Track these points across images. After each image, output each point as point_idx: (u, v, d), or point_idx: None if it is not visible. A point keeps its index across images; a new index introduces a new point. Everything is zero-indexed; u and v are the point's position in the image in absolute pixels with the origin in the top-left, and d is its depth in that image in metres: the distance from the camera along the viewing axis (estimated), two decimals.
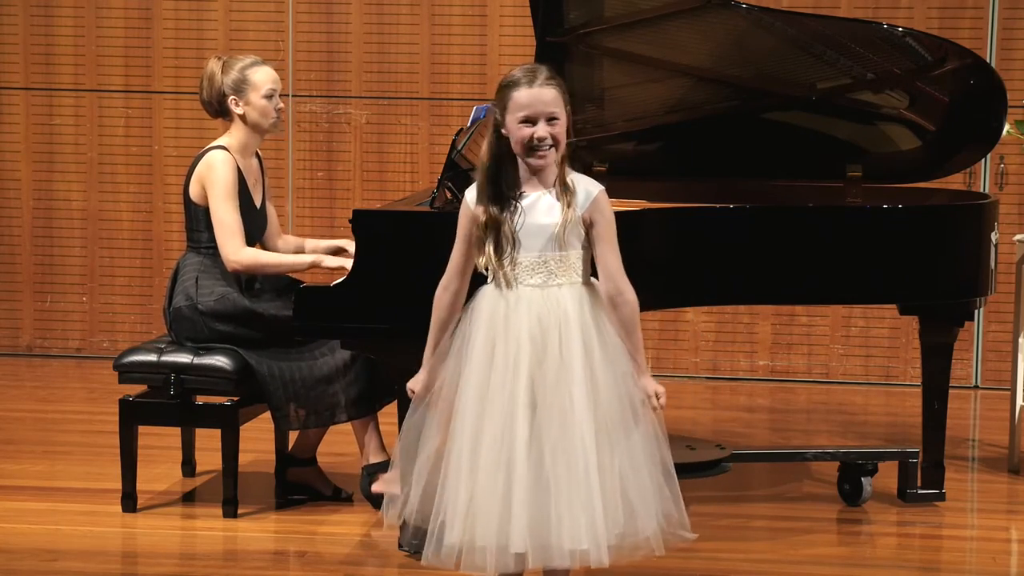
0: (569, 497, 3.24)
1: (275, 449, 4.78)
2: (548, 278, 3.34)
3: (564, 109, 3.35)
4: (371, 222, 4.11)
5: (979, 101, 4.86)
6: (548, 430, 3.27)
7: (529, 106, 3.32)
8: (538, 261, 3.34)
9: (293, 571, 4.10)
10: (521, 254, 3.34)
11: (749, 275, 4.46)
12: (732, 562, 4.17)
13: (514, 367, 3.29)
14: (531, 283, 3.34)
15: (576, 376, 3.28)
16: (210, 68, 4.62)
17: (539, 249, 3.34)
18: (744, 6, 4.80)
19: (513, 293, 3.34)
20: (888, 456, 4.81)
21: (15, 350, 7.08)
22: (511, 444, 3.26)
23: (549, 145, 3.33)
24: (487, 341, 3.32)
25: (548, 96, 3.33)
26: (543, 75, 3.35)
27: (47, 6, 6.92)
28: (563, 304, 3.33)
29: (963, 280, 4.63)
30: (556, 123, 3.33)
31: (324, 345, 4.55)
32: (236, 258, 4.52)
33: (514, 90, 3.34)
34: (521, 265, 3.34)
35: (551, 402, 3.27)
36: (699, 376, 6.85)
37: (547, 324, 3.31)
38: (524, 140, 3.33)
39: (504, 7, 6.75)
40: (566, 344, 3.30)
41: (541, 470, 3.26)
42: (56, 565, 4.07)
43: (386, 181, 6.86)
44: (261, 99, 4.60)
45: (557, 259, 3.34)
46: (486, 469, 3.26)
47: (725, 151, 5.11)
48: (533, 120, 3.32)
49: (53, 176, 7.00)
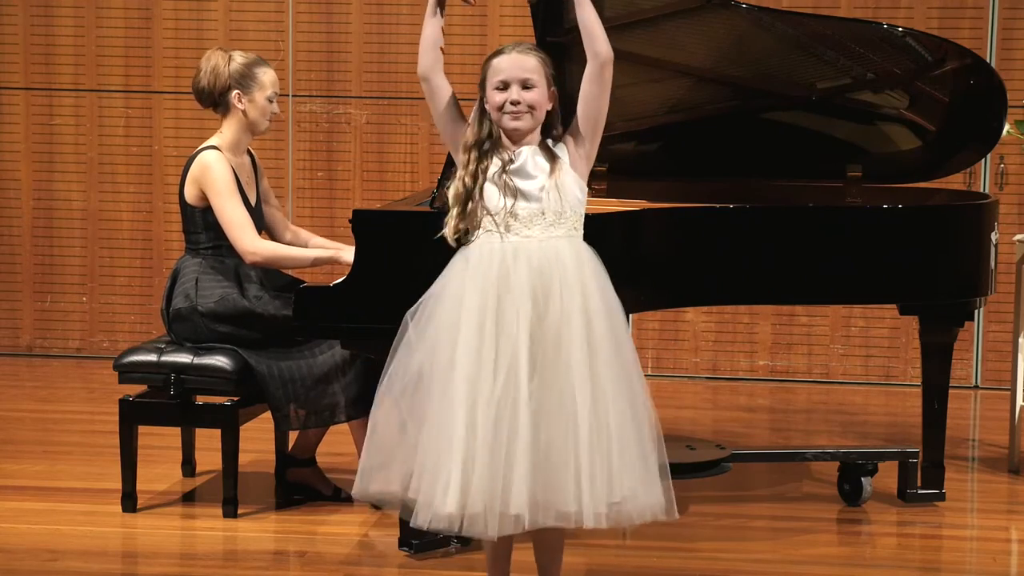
0: (564, 459, 3.23)
1: (275, 449, 4.78)
2: (545, 230, 3.35)
3: (545, 80, 3.39)
4: (371, 222, 4.11)
5: (979, 101, 4.86)
6: (546, 390, 3.25)
7: (505, 70, 3.37)
8: (536, 212, 3.35)
9: (293, 571, 4.10)
10: (517, 206, 3.35)
11: (749, 275, 4.45)
12: (732, 562, 4.17)
13: (516, 325, 3.27)
14: (528, 234, 3.34)
15: (575, 335, 3.27)
16: (214, 59, 4.62)
17: (533, 202, 3.35)
18: (744, 6, 4.80)
19: (509, 244, 3.34)
20: (888, 456, 4.81)
21: (15, 350, 7.08)
22: (514, 405, 3.24)
23: (524, 110, 3.34)
24: (484, 297, 3.30)
25: (527, 63, 3.38)
26: (526, 45, 3.42)
27: (47, 6, 6.92)
28: (562, 257, 3.33)
29: (963, 280, 4.63)
30: (532, 90, 3.36)
31: (324, 345, 4.55)
32: (254, 249, 4.51)
33: (494, 58, 3.41)
34: (518, 217, 3.35)
35: (551, 360, 3.26)
36: (699, 376, 6.85)
37: (548, 278, 3.30)
38: (498, 105, 3.36)
39: (504, 7, 6.76)
40: (567, 300, 3.30)
41: (539, 431, 3.24)
42: (56, 565, 4.07)
43: (386, 181, 6.86)
44: (264, 99, 4.61)
45: (554, 212, 3.35)
46: (487, 430, 3.23)
47: (725, 151, 5.11)
48: (507, 84, 3.36)
49: (53, 176, 7.00)
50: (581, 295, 3.32)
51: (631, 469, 3.29)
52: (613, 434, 3.28)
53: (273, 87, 4.64)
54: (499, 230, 3.36)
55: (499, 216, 3.36)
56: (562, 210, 3.37)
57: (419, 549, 4.14)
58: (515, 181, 3.37)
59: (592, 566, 4.11)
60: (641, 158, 5.25)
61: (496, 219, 3.36)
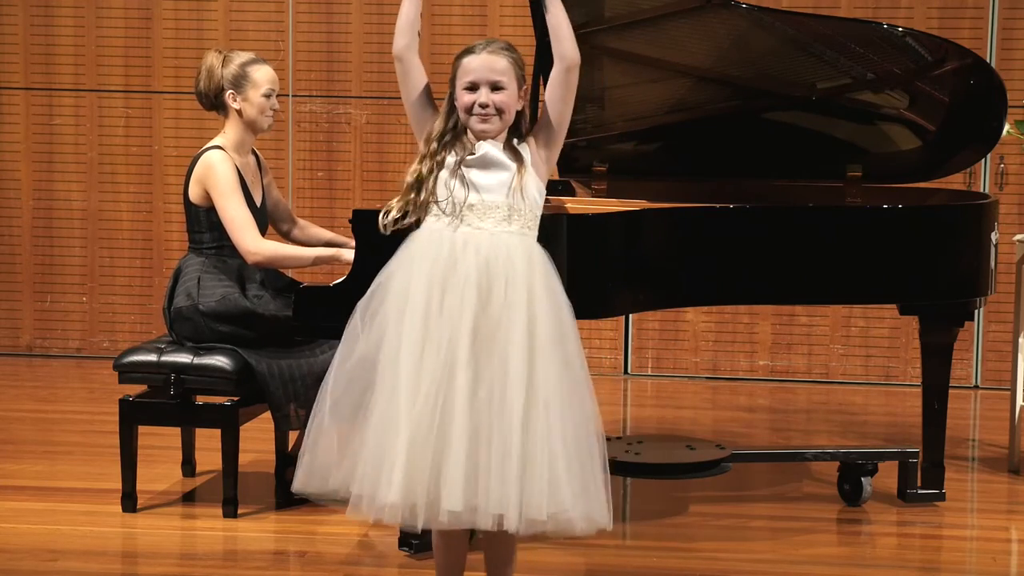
0: (502, 459, 3.18)
1: (275, 449, 4.78)
2: (499, 224, 3.32)
3: (515, 82, 3.36)
4: (371, 222, 4.10)
5: (979, 101, 4.86)
6: (480, 384, 3.21)
7: (474, 71, 3.34)
8: (492, 205, 3.32)
9: (293, 571, 4.10)
10: (472, 196, 3.33)
11: (749, 275, 4.45)
12: (732, 562, 4.17)
13: (459, 315, 3.23)
14: (480, 226, 3.32)
15: (515, 333, 3.23)
16: (209, 60, 4.62)
17: (493, 194, 3.33)
18: (744, 6, 4.80)
19: (459, 234, 3.31)
20: (888, 456, 4.81)
21: (15, 350, 7.08)
22: (451, 396, 3.19)
23: (492, 112, 3.33)
24: (429, 286, 3.27)
25: (497, 64, 3.34)
26: (497, 44, 3.38)
27: (47, 6, 6.92)
28: (511, 252, 3.30)
29: (963, 280, 4.63)
30: (502, 92, 3.34)
31: (324, 345, 4.56)
32: (256, 249, 4.51)
33: (464, 56, 3.38)
34: (473, 208, 3.32)
35: (486, 354, 3.22)
36: (699, 376, 6.85)
37: (494, 271, 3.27)
38: (466, 107, 3.34)
39: (504, 7, 6.76)
40: (511, 295, 3.26)
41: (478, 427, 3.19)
42: (56, 565, 4.07)
43: (386, 181, 6.86)
44: (260, 97, 4.61)
45: (512, 207, 3.33)
46: (423, 422, 3.19)
47: (725, 151, 5.11)
48: (476, 86, 3.34)
49: (53, 176, 7.01)
50: (527, 293, 3.27)
51: (573, 478, 3.23)
52: (555, 440, 3.22)
53: (270, 84, 4.63)
54: (450, 219, 3.33)
55: (449, 206, 3.33)
56: (519, 208, 3.34)
57: (419, 549, 4.14)
58: (471, 174, 3.34)
59: (592, 566, 4.12)
60: (641, 158, 5.25)
61: (446, 209, 3.33)
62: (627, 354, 6.89)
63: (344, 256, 4.52)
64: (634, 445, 4.77)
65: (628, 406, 6.40)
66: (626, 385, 6.74)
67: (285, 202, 4.91)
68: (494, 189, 3.34)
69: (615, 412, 6.20)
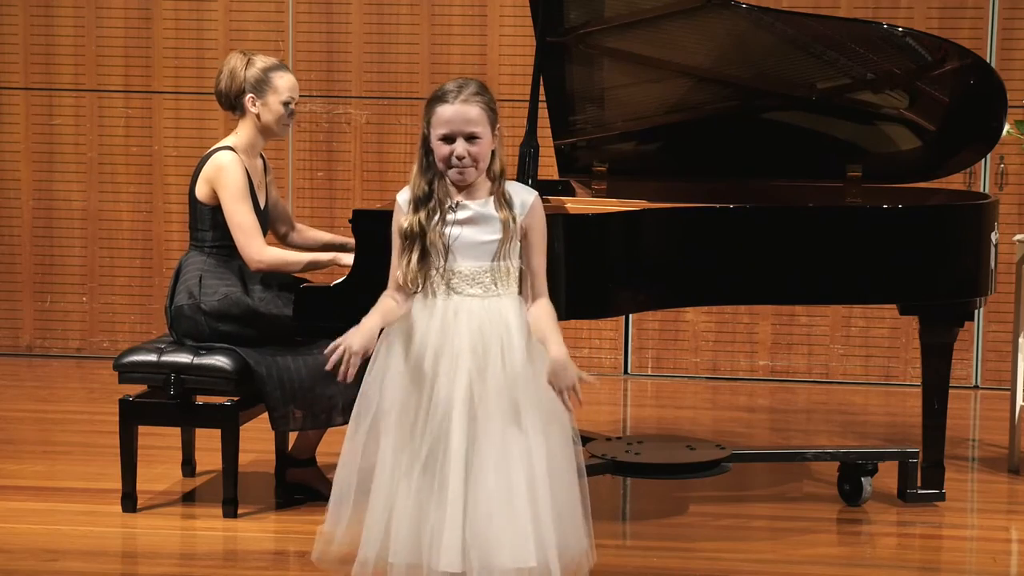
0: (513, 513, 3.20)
1: (275, 449, 4.78)
2: (488, 289, 3.31)
3: (489, 127, 3.30)
4: (371, 222, 4.11)
5: (979, 101, 4.86)
6: (488, 443, 3.22)
7: (449, 123, 3.28)
8: (479, 271, 3.30)
9: (293, 571, 4.10)
10: (459, 264, 3.30)
11: (749, 275, 4.45)
12: (732, 562, 4.17)
13: (453, 378, 3.24)
14: (471, 293, 3.31)
15: (520, 388, 3.24)
16: (233, 62, 4.63)
17: (479, 260, 3.30)
18: (744, 6, 4.80)
19: (450, 303, 3.30)
20: (888, 456, 4.81)
21: (15, 350, 7.08)
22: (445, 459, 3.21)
23: (469, 164, 3.31)
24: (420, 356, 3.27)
25: (471, 114, 3.28)
26: (469, 91, 3.29)
27: (47, 6, 6.92)
28: (504, 314, 3.30)
29: (963, 280, 4.63)
30: (477, 142, 3.29)
31: (324, 345, 4.55)
32: (260, 258, 4.52)
33: (438, 105, 3.30)
34: (460, 275, 3.30)
35: (492, 414, 3.23)
36: (699, 376, 6.85)
37: (489, 335, 3.27)
38: (443, 158, 3.32)
39: (504, 7, 6.76)
40: (508, 354, 3.26)
41: (481, 485, 3.21)
42: (56, 565, 4.07)
43: (386, 181, 6.86)
44: (279, 104, 4.62)
45: (498, 270, 3.31)
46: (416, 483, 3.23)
47: (725, 151, 5.11)
48: (452, 138, 3.30)
49: (53, 176, 7.01)
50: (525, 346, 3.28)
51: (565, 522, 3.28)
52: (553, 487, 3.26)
53: (291, 92, 4.64)
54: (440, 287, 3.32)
55: (440, 272, 3.31)
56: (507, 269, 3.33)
57: None
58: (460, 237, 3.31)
59: (592, 566, 4.11)
60: (641, 158, 5.25)
61: (437, 275, 3.32)
62: (627, 354, 6.89)
63: (342, 260, 4.53)
64: (634, 445, 4.77)
65: (628, 406, 6.40)
66: (626, 385, 6.74)
67: (284, 203, 4.92)
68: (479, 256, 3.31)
69: (615, 412, 6.21)
